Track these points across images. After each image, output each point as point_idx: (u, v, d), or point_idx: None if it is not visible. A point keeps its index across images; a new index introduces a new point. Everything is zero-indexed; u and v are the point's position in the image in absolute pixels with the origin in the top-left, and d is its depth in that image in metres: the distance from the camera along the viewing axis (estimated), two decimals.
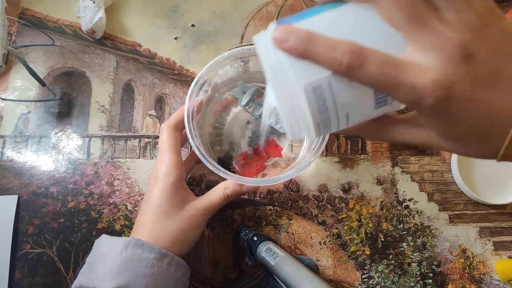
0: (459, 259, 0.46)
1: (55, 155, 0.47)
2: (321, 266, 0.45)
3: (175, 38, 0.52)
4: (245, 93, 0.44)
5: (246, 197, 0.47)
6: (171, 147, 0.38)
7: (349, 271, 0.45)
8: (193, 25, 0.53)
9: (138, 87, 0.50)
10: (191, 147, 0.39)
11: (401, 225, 0.46)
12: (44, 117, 0.48)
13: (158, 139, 0.44)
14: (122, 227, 0.45)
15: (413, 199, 0.47)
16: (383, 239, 0.46)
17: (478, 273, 0.45)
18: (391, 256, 0.45)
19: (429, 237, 0.46)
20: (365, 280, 0.45)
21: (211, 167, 0.36)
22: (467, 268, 0.46)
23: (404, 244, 0.46)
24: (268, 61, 0.22)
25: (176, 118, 0.39)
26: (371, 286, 0.44)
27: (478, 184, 0.48)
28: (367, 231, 0.46)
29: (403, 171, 0.48)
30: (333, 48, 0.20)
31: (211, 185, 0.46)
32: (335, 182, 0.48)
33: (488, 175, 0.48)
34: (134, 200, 0.46)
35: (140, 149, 0.48)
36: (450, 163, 0.48)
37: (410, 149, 0.49)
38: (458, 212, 0.47)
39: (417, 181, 0.48)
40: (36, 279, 0.43)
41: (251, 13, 0.53)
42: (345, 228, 0.46)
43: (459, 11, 0.19)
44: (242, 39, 0.52)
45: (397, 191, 0.48)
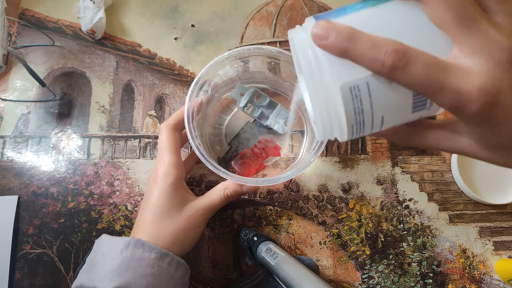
0: (459, 259, 0.46)
1: (55, 156, 0.47)
2: (321, 266, 0.45)
3: (175, 38, 0.52)
4: (243, 94, 0.44)
5: (246, 197, 0.47)
6: (171, 147, 0.38)
7: (349, 271, 0.45)
8: (193, 25, 0.53)
9: (138, 87, 0.50)
10: (191, 147, 0.39)
11: (401, 225, 0.46)
12: (44, 118, 0.48)
13: (158, 139, 0.44)
14: (122, 227, 0.45)
15: (413, 199, 0.47)
16: (383, 239, 0.46)
17: (478, 273, 0.45)
18: (391, 256, 0.45)
19: (429, 237, 0.46)
20: (365, 280, 0.45)
21: (211, 167, 0.36)
22: (467, 268, 0.46)
23: (404, 244, 0.46)
24: (305, 58, 0.21)
25: (176, 118, 0.39)
26: (371, 286, 0.44)
27: (478, 184, 0.48)
28: (367, 231, 0.46)
29: (403, 171, 0.48)
30: (376, 47, 0.19)
31: (211, 185, 0.46)
32: (335, 182, 0.48)
33: (488, 175, 0.48)
34: (134, 200, 0.46)
35: (140, 149, 0.48)
36: (450, 163, 0.48)
37: (410, 149, 0.49)
38: (458, 212, 0.47)
39: (417, 181, 0.48)
40: (36, 279, 0.43)
41: (251, 13, 0.53)
42: (345, 228, 0.46)
43: (510, 15, 0.19)
44: (242, 39, 0.52)
45: (397, 191, 0.48)
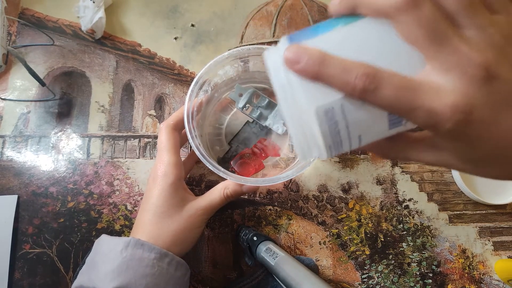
0: (459, 259, 0.46)
1: (55, 155, 0.47)
2: (321, 266, 0.45)
3: (175, 38, 0.52)
4: (242, 95, 0.44)
5: (246, 197, 0.47)
6: (170, 147, 0.38)
7: (349, 271, 0.45)
8: (193, 25, 0.53)
9: (138, 87, 0.50)
10: (191, 147, 0.39)
11: (401, 225, 0.46)
12: (44, 117, 0.48)
13: (157, 139, 0.44)
14: (122, 227, 0.45)
15: (413, 199, 0.47)
16: (383, 239, 0.46)
17: (478, 273, 0.45)
18: (391, 256, 0.45)
19: (429, 237, 0.46)
20: (365, 280, 0.45)
21: (211, 167, 0.36)
22: (466, 268, 0.46)
23: (404, 244, 0.46)
24: (279, 81, 0.21)
25: (175, 118, 0.39)
26: (371, 286, 0.44)
27: (478, 184, 0.48)
28: (367, 231, 0.46)
29: (403, 171, 0.48)
30: (346, 71, 0.19)
31: (211, 185, 0.46)
32: (335, 182, 0.48)
33: None
34: (134, 200, 0.46)
35: (140, 149, 0.48)
36: None
37: None
38: (458, 212, 0.47)
39: (417, 181, 0.48)
40: (36, 279, 0.43)
41: (251, 13, 0.53)
42: (345, 228, 0.46)
43: (481, 28, 0.18)
44: (242, 39, 0.52)
45: (397, 191, 0.48)
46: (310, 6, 0.54)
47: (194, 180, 0.47)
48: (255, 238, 0.41)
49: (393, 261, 0.45)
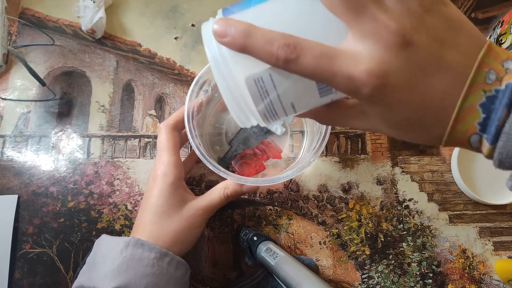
0: (459, 259, 0.46)
1: (55, 155, 0.47)
2: (321, 266, 0.45)
3: (175, 38, 0.52)
4: None
5: (246, 197, 0.47)
6: (170, 147, 0.38)
7: (349, 271, 0.45)
8: (193, 25, 0.53)
9: (138, 87, 0.50)
10: (191, 146, 0.39)
11: (401, 225, 0.46)
12: (44, 117, 0.48)
13: (157, 139, 0.44)
14: (122, 227, 0.45)
15: (413, 199, 0.47)
16: (383, 239, 0.46)
17: (478, 273, 0.45)
18: (391, 256, 0.45)
19: (429, 237, 0.46)
20: (365, 280, 0.45)
21: (211, 167, 0.36)
22: (467, 268, 0.46)
23: (404, 244, 0.46)
24: (210, 53, 0.22)
25: (175, 118, 0.39)
26: (371, 286, 0.44)
27: (478, 184, 0.48)
28: (367, 231, 0.46)
29: (403, 171, 0.48)
30: (270, 42, 0.20)
31: (211, 185, 0.46)
32: (335, 182, 0.48)
33: (488, 175, 0.48)
34: (134, 200, 0.46)
35: (140, 149, 0.48)
36: (450, 163, 0.49)
37: (410, 149, 0.49)
38: (458, 212, 0.47)
39: (417, 181, 0.48)
40: (36, 278, 0.43)
41: None
42: (345, 228, 0.46)
43: None
44: None
45: (397, 191, 0.48)
46: None
47: (194, 180, 0.47)
48: (255, 238, 0.41)
49: (393, 261, 0.45)
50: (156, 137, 0.48)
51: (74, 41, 0.51)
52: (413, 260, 0.45)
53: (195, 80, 0.39)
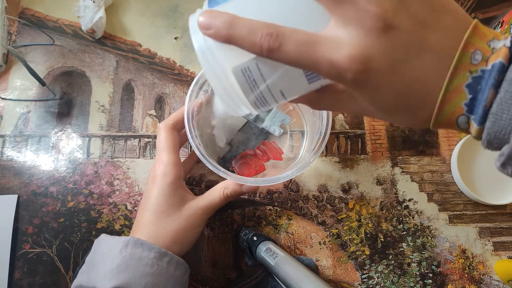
0: (459, 259, 0.46)
1: (55, 155, 0.47)
2: (320, 266, 0.45)
3: (175, 38, 0.52)
4: None
5: (246, 197, 0.47)
6: (169, 146, 0.38)
7: (349, 271, 0.45)
8: None
9: (138, 86, 0.50)
10: (191, 147, 0.39)
11: (401, 225, 0.46)
12: (44, 117, 0.48)
13: (156, 139, 0.44)
14: (122, 227, 0.45)
15: (413, 199, 0.47)
16: (382, 239, 0.46)
17: (478, 273, 0.45)
18: (390, 256, 0.45)
19: (429, 237, 0.46)
20: (364, 280, 0.45)
21: (211, 167, 0.36)
22: (466, 268, 0.46)
23: (404, 244, 0.46)
24: (198, 45, 0.22)
25: (175, 118, 0.39)
26: (371, 286, 0.44)
27: (478, 184, 0.48)
28: (367, 231, 0.46)
29: (403, 171, 0.48)
30: (253, 32, 0.20)
31: (211, 185, 0.46)
32: (335, 182, 0.48)
33: (488, 175, 0.48)
34: (133, 200, 0.46)
35: (140, 149, 0.48)
36: (450, 163, 0.48)
37: (410, 149, 0.49)
38: (458, 213, 0.47)
39: (417, 181, 0.48)
40: (36, 278, 0.43)
41: None
42: (345, 228, 0.46)
43: None
44: None
45: (397, 191, 0.48)
46: None
47: (194, 180, 0.47)
48: (255, 238, 0.41)
49: (393, 261, 0.45)
50: (156, 137, 0.48)
51: (74, 41, 0.51)
52: (413, 260, 0.45)
53: (195, 80, 0.39)
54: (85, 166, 0.47)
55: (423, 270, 0.45)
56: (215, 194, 0.37)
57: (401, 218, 0.47)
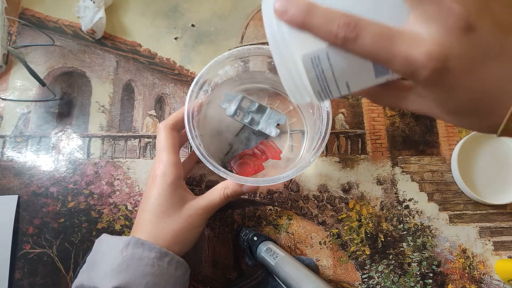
0: (459, 259, 0.46)
1: (55, 155, 0.47)
2: (321, 266, 0.45)
3: (175, 38, 0.52)
4: (231, 102, 0.44)
5: (246, 197, 0.47)
6: (169, 146, 0.38)
7: (349, 271, 0.45)
8: (193, 25, 0.53)
9: (138, 87, 0.50)
10: (191, 147, 0.39)
11: (401, 225, 0.46)
12: (44, 117, 0.48)
13: (156, 139, 0.44)
14: (122, 227, 0.45)
15: (413, 199, 0.47)
16: (383, 239, 0.46)
17: (478, 273, 0.45)
18: (391, 256, 0.45)
19: (429, 237, 0.46)
20: (365, 280, 0.45)
21: (211, 167, 0.36)
22: (467, 268, 0.46)
23: (404, 244, 0.46)
24: (270, 30, 0.22)
25: (174, 118, 0.39)
26: (371, 286, 0.44)
27: (478, 184, 0.48)
28: (367, 231, 0.46)
29: (403, 171, 0.48)
30: (330, 21, 0.20)
31: (211, 185, 0.46)
32: (335, 182, 0.48)
33: (488, 175, 0.48)
34: (134, 200, 0.46)
35: (140, 149, 0.48)
36: (450, 163, 0.48)
37: (410, 149, 0.49)
38: (458, 212, 0.47)
39: (417, 181, 0.48)
40: (36, 279, 0.43)
41: (251, 13, 0.53)
42: (345, 228, 0.46)
43: None
44: (242, 39, 0.52)
45: (397, 191, 0.48)
46: None
47: (194, 180, 0.47)
48: (255, 238, 0.41)
49: (393, 261, 0.45)
50: (156, 137, 0.48)
51: (74, 42, 0.51)
52: (413, 260, 0.45)
53: (195, 80, 0.39)
54: (85, 167, 0.47)
55: (423, 270, 0.45)
56: (215, 194, 0.37)
57: (401, 218, 0.47)
